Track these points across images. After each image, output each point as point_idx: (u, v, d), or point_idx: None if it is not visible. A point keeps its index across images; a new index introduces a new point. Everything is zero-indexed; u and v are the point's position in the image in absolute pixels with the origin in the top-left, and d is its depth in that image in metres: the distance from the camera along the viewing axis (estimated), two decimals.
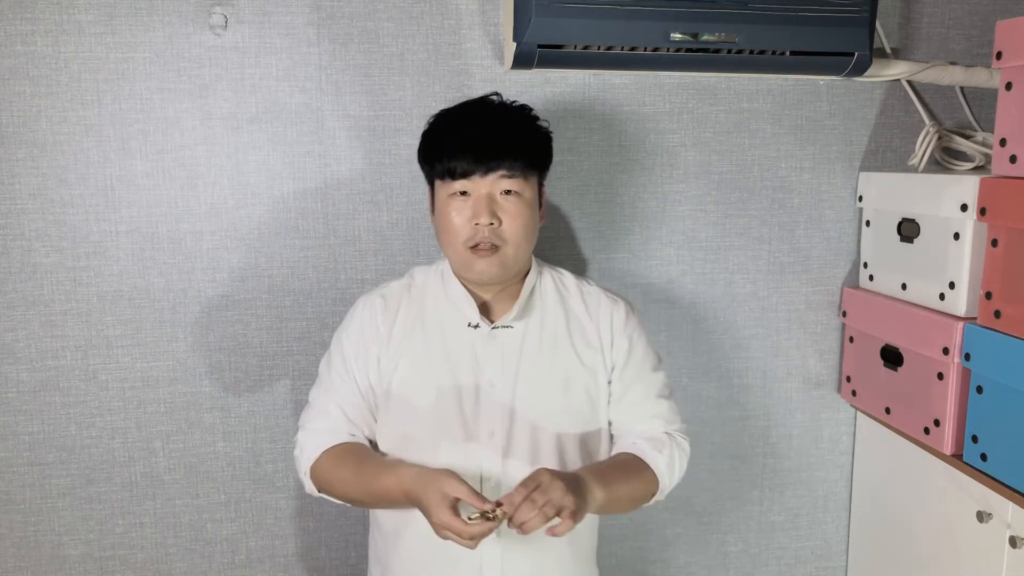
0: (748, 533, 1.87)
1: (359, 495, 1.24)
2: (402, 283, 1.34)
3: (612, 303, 1.33)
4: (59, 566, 1.64)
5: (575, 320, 1.31)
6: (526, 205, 1.23)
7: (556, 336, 1.29)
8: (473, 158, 1.20)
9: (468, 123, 1.24)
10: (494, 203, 1.21)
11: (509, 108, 1.28)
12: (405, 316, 1.29)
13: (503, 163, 1.20)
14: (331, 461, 1.26)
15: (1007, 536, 1.39)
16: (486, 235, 1.21)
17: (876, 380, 1.68)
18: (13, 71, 1.48)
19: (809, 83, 1.71)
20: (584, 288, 1.35)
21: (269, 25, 1.54)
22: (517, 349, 1.27)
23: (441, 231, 1.26)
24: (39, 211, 1.53)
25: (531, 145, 1.25)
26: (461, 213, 1.22)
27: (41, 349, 1.57)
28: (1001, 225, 1.38)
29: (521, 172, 1.22)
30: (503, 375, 1.26)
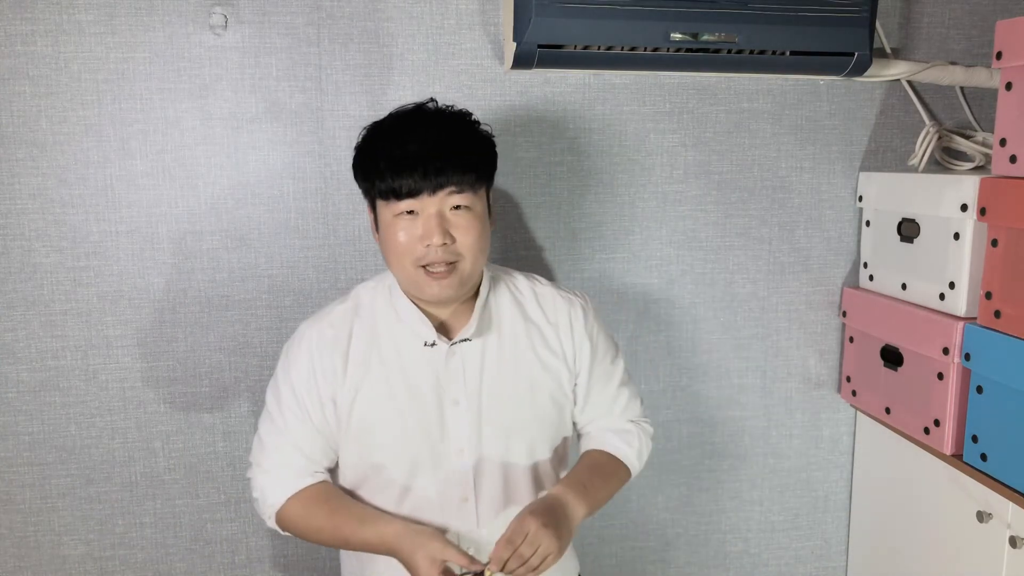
0: (748, 533, 1.87)
1: (335, 544, 1.22)
2: (347, 307, 1.25)
3: (569, 305, 1.29)
4: (59, 566, 1.64)
5: (534, 327, 1.27)
6: (477, 218, 1.16)
7: (516, 345, 1.25)
8: (420, 175, 1.11)
9: (408, 137, 1.14)
10: (445, 221, 1.13)
11: (450, 116, 1.19)
12: (357, 345, 1.22)
13: (451, 178, 1.12)
14: (300, 510, 1.21)
15: (1007, 536, 1.39)
16: (439, 255, 1.13)
17: (876, 380, 1.68)
18: (13, 71, 1.48)
19: (809, 83, 1.71)
20: (538, 290, 1.30)
21: (269, 25, 1.54)
22: (478, 363, 1.22)
23: (389, 252, 1.18)
24: (39, 211, 1.53)
25: (479, 156, 1.17)
26: (409, 232, 1.14)
27: (41, 349, 1.57)
28: (1001, 225, 1.38)
29: (471, 186, 1.15)
30: (466, 392, 1.22)
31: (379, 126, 1.19)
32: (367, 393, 1.21)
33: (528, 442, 1.25)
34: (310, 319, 1.26)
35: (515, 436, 1.24)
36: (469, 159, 1.15)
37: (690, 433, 1.79)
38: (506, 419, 1.23)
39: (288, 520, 1.22)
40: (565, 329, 1.27)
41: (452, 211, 1.15)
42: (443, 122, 1.18)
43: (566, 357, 1.27)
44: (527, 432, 1.25)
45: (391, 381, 1.21)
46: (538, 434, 1.26)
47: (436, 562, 1.08)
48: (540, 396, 1.25)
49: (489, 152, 1.20)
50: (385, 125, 1.19)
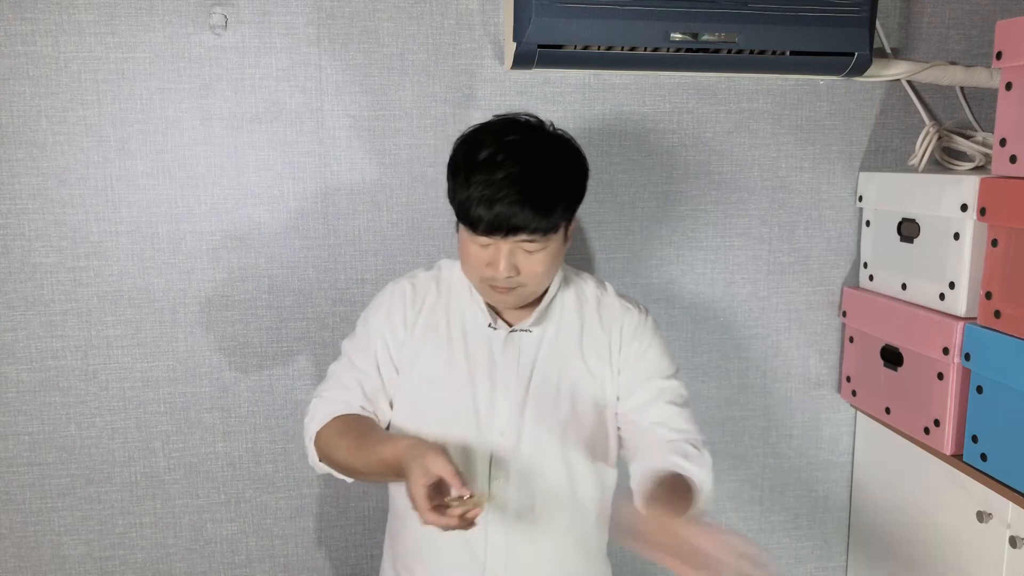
0: (748, 533, 1.87)
1: (357, 464, 1.20)
2: (431, 274, 1.32)
3: (624, 311, 1.31)
4: (59, 566, 1.64)
5: (588, 331, 1.30)
6: (548, 253, 1.18)
7: (569, 345, 1.28)
8: (497, 222, 1.12)
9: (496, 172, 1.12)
10: (514, 255, 1.16)
11: (544, 149, 1.16)
12: (431, 308, 1.29)
13: (526, 229, 1.13)
14: (337, 428, 1.23)
15: (1007, 536, 1.39)
16: (503, 282, 1.17)
17: (876, 380, 1.68)
18: (13, 71, 1.48)
19: (809, 83, 1.71)
20: (602, 298, 1.32)
21: (269, 25, 1.54)
22: (532, 354, 1.27)
23: (462, 259, 1.23)
24: (39, 211, 1.53)
25: (562, 204, 1.15)
26: (481, 256, 1.17)
27: (41, 349, 1.57)
28: (1001, 225, 1.38)
29: (544, 235, 1.15)
30: (516, 379, 1.26)
31: (475, 151, 1.15)
32: (429, 355, 1.27)
33: (563, 440, 1.27)
34: (395, 279, 1.33)
35: (552, 433, 1.26)
36: (550, 209, 1.13)
37: None
38: (547, 415, 1.26)
39: (323, 440, 1.24)
40: (616, 333, 1.30)
41: (524, 251, 1.16)
42: (537, 157, 1.15)
43: (611, 357, 1.29)
44: (564, 431, 1.27)
45: (453, 351, 1.26)
46: (574, 435, 1.28)
47: (428, 474, 1.05)
48: (582, 400, 1.28)
49: (575, 194, 1.19)
50: (479, 142, 1.16)
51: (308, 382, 1.65)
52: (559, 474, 1.26)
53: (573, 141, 1.22)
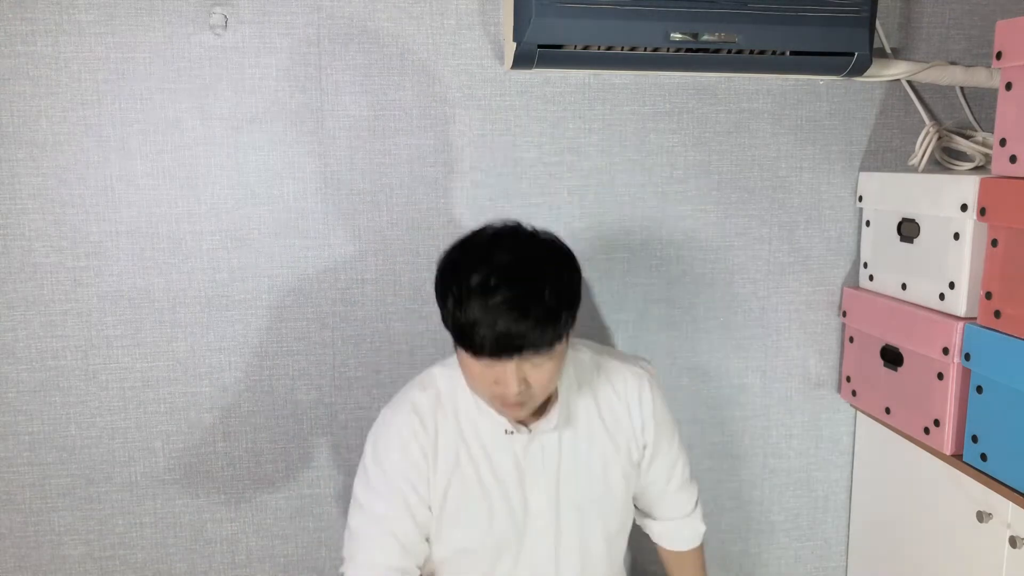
0: (748, 533, 1.87)
1: None
2: (429, 396, 1.25)
3: (637, 381, 1.31)
4: (59, 566, 1.64)
5: (605, 403, 1.30)
6: (555, 362, 1.14)
7: (591, 427, 1.29)
8: (499, 348, 1.08)
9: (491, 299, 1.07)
10: (522, 370, 1.11)
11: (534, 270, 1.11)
12: (444, 438, 1.23)
13: (530, 348, 1.09)
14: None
15: (1007, 536, 1.39)
16: (514, 398, 1.13)
17: (876, 380, 1.68)
18: (13, 71, 1.48)
19: (809, 83, 1.71)
20: (604, 364, 1.32)
21: (269, 25, 1.54)
22: (556, 446, 1.27)
23: (467, 378, 1.18)
24: (39, 211, 1.53)
25: (561, 316, 1.11)
26: (486, 375, 1.12)
27: (41, 349, 1.57)
28: (1001, 225, 1.38)
29: (548, 350, 1.11)
30: (545, 473, 1.26)
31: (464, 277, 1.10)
32: (458, 484, 1.24)
33: (603, 519, 1.31)
34: (391, 406, 1.26)
35: (591, 513, 1.30)
36: (552, 323, 1.09)
37: (690, 433, 1.79)
38: (583, 498, 1.29)
39: None
40: (635, 404, 1.31)
41: (531, 365, 1.12)
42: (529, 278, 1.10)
43: (634, 430, 1.32)
44: (601, 509, 1.31)
45: (479, 470, 1.24)
46: (610, 510, 1.32)
47: None
48: (612, 473, 1.31)
49: (573, 300, 1.14)
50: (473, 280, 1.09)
51: (308, 382, 1.65)
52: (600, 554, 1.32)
53: (558, 241, 1.17)
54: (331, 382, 1.66)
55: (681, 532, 1.46)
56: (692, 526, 1.46)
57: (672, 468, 1.39)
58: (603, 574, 1.35)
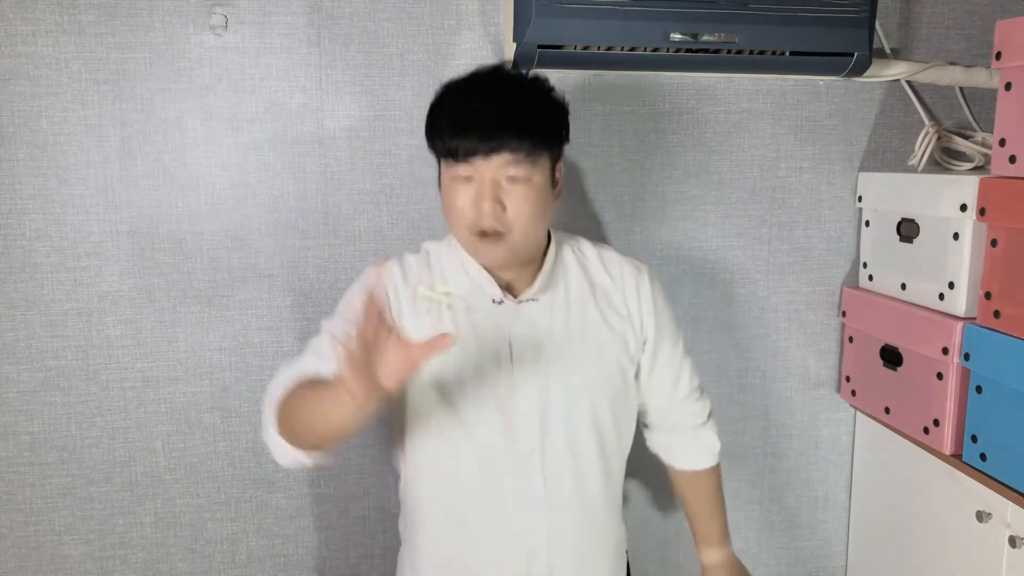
0: (748, 533, 1.87)
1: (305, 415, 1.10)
2: (420, 257, 1.27)
3: (635, 271, 1.30)
4: (59, 566, 1.64)
5: (600, 288, 1.28)
6: (534, 190, 1.15)
7: (583, 305, 1.26)
8: (476, 138, 1.11)
9: (471, 98, 1.14)
10: (498, 188, 1.13)
11: (518, 80, 1.18)
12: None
13: (507, 145, 1.11)
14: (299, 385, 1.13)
15: (1007, 536, 1.39)
16: (490, 223, 1.13)
17: (876, 380, 1.68)
18: (13, 71, 1.48)
19: (809, 83, 1.71)
20: (604, 255, 1.31)
21: (269, 25, 1.54)
22: (546, 322, 1.23)
23: (446, 212, 1.19)
24: (39, 211, 1.53)
25: (539, 124, 1.14)
26: (465, 196, 1.14)
27: (41, 349, 1.57)
28: (1000, 225, 1.38)
29: (527, 155, 1.13)
30: (534, 349, 1.22)
31: (450, 86, 1.18)
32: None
33: (591, 401, 1.25)
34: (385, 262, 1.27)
35: (580, 394, 1.24)
36: (528, 125, 1.13)
37: None
38: (572, 378, 1.23)
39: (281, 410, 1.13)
40: (632, 292, 1.28)
41: (507, 181, 1.14)
42: (512, 84, 1.17)
43: (631, 319, 1.28)
44: (591, 392, 1.25)
45: (461, 335, 1.20)
46: (601, 396, 1.26)
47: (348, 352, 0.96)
48: (607, 359, 1.26)
49: (555, 119, 1.18)
50: (454, 85, 1.18)
51: None
52: (588, 437, 1.25)
53: (548, 82, 1.21)
54: None
55: (692, 445, 1.38)
56: (704, 438, 1.38)
57: (678, 372, 1.34)
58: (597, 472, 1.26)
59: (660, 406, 1.36)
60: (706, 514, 1.42)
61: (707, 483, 1.40)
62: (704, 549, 1.43)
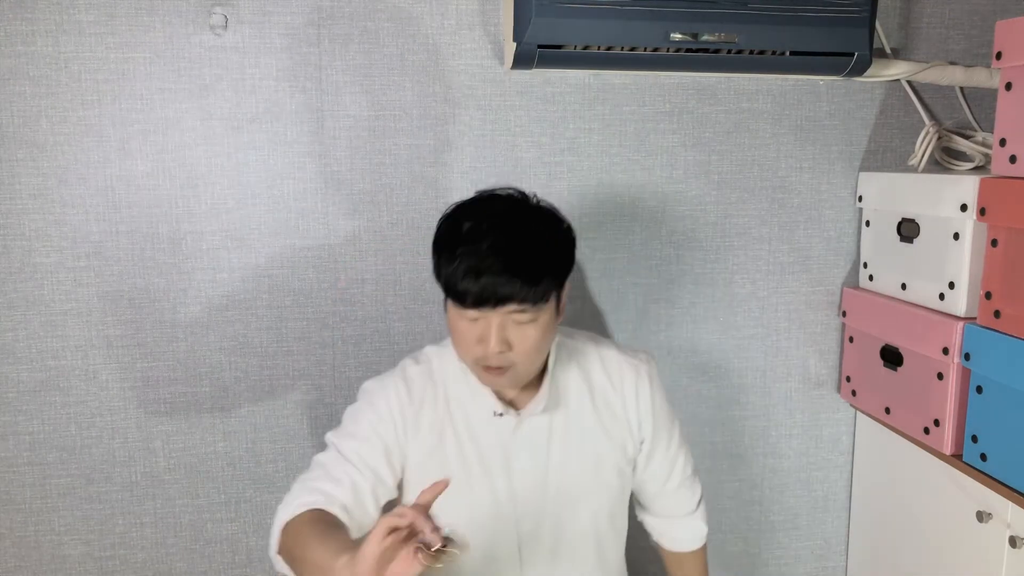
0: (748, 533, 1.87)
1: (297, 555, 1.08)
2: (422, 370, 1.26)
3: (635, 373, 1.30)
4: (59, 566, 1.64)
5: (599, 393, 1.29)
6: (540, 327, 1.15)
7: (583, 418, 1.27)
8: (485, 292, 1.10)
9: (480, 244, 1.11)
10: (504, 330, 1.13)
11: (527, 221, 1.15)
12: (431, 406, 1.24)
13: (515, 298, 1.11)
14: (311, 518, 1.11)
15: (1007, 536, 1.39)
16: (496, 361, 1.14)
17: (876, 380, 1.68)
18: (13, 71, 1.48)
19: (809, 83, 1.71)
20: (604, 354, 1.32)
21: (269, 25, 1.54)
22: (546, 434, 1.25)
23: (453, 339, 1.19)
24: (39, 211, 1.53)
25: (549, 270, 1.13)
26: (471, 333, 1.14)
27: (41, 349, 1.57)
28: (1001, 225, 1.38)
29: (534, 304, 1.12)
30: (534, 462, 1.24)
31: (458, 225, 1.15)
32: (437, 463, 1.23)
33: (591, 512, 1.29)
34: (386, 374, 1.27)
35: (580, 505, 1.27)
36: (537, 275, 1.11)
37: (690, 433, 1.79)
38: (574, 490, 1.27)
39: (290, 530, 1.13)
40: (631, 398, 1.30)
41: (514, 324, 1.14)
42: (521, 228, 1.14)
43: (630, 425, 1.30)
44: (591, 502, 1.28)
45: (463, 449, 1.23)
46: (601, 504, 1.30)
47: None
48: (605, 468, 1.29)
49: (563, 261, 1.18)
50: (464, 226, 1.14)
51: (308, 382, 1.65)
52: (585, 543, 1.29)
53: (558, 212, 1.20)
54: (331, 382, 1.66)
55: (681, 531, 1.44)
56: (693, 526, 1.44)
57: (672, 465, 1.37)
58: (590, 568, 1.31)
59: (652, 494, 1.40)
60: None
61: (693, 562, 1.47)
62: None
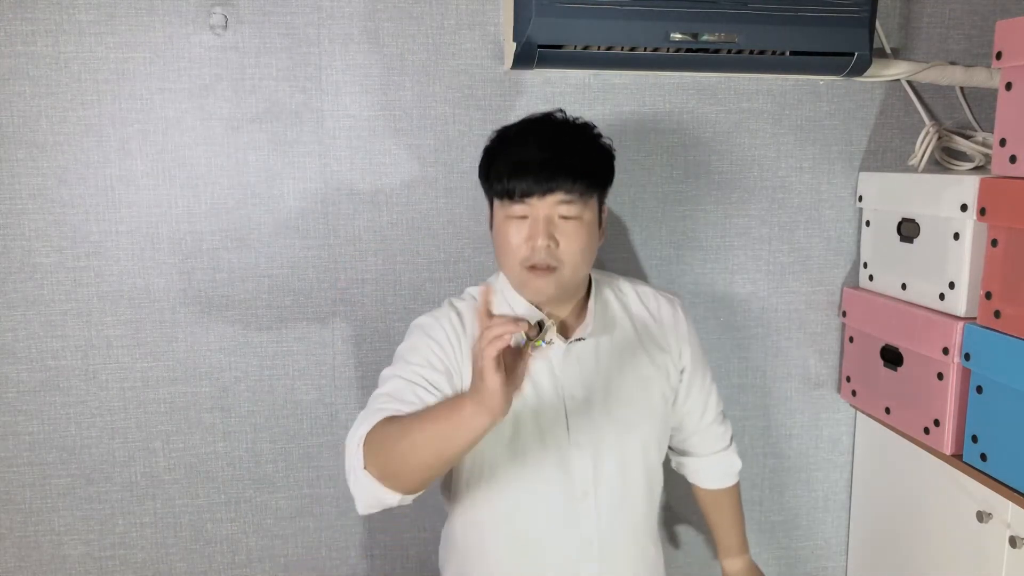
0: (748, 533, 1.86)
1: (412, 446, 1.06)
2: (467, 304, 1.29)
3: (671, 305, 1.37)
4: (59, 566, 1.64)
5: (641, 324, 1.33)
6: (584, 228, 1.20)
7: (627, 342, 1.31)
8: (532, 180, 1.17)
9: (528, 143, 1.21)
10: (552, 225, 1.18)
11: (571, 126, 1.25)
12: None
13: (562, 186, 1.17)
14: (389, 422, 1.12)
15: (1007, 536, 1.39)
16: (543, 257, 1.18)
17: (876, 380, 1.68)
18: (13, 71, 1.48)
19: (809, 83, 1.71)
20: (639, 290, 1.37)
21: (269, 25, 1.54)
22: (594, 362, 1.27)
23: (499, 249, 1.24)
24: (39, 211, 1.53)
25: (591, 167, 1.21)
26: (519, 233, 1.19)
27: (41, 349, 1.57)
28: (1001, 225, 1.38)
29: (580, 195, 1.19)
30: (584, 388, 1.26)
31: (506, 132, 1.25)
32: None
33: (642, 439, 1.30)
34: (434, 310, 1.29)
35: (632, 433, 1.29)
36: (582, 168, 1.19)
37: None
38: (624, 417, 1.28)
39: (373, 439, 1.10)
40: (670, 326, 1.35)
41: (560, 219, 1.19)
42: (564, 131, 1.23)
43: (671, 352, 1.34)
44: (642, 429, 1.30)
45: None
46: (650, 431, 1.32)
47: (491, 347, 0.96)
48: (653, 393, 1.32)
49: (604, 164, 1.24)
50: (512, 131, 1.24)
51: (308, 382, 1.65)
52: (639, 474, 1.30)
53: (596, 128, 1.27)
54: (331, 382, 1.66)
55: (718, 467, 1.47)
56: (728, 461, 1.47)
57: (708, 398, 1.41)
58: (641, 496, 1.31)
59: (690, 431, 1.44)
60: (727, 527, 1.52)
61: (729, 500, 1.51)
62: (726, 559, 1.54)
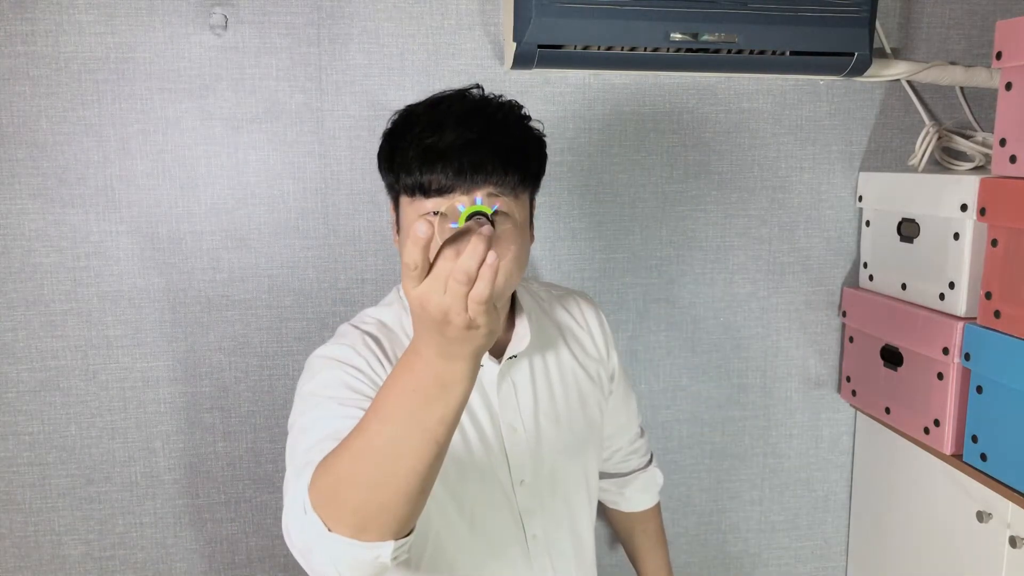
0: (748, 533, 1.87)
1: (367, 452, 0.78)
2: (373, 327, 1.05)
3: (590, 306, 1.25)
4: (59, 566, 1.64)
5: (568, 332, 1.18)
6: (517, 229, 0.97)
7: (560, 358, 1.16)
8: (454, 171, 0.92)
9: (445, 125, 0.95)
10: None
11: (496, 105, 1.01)
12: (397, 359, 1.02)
13: (491, 178, 0.93)
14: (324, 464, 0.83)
15: (1007, 536, 1.39)
16: None
17: (876, 380, 1.68)
18: (13, 71, 1.48)
19: (809, 83, 1.71)
20: (554, 292, 1.23)
21: (269, 25, 1.54)
22: (529, 384, 1.12)
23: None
24: (39, 211, 1.53)
25: (525, 155, 0.99)
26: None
27: (41, 349, 1.57)
28: (1001, 225, 1.38)
29: (512, 189, 0.96)
30: (522, 417, 1.10)
31: (413, 110, 1.00)
32: None
33: (583, 459, 1.19)
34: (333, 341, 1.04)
35: (574, 455, 1.16)
36: (515, 156, 0.96)
37: (690, 433, 1.79)
38: (565, 440, 1.14)
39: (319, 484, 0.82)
40: (596, 330, 1.24)
41: None
42: (488, 111, 0.99)
43: (602, 358, 1.24)
44: (586, 453, 1.18)
45: None
46: (593, 453, 1.21)
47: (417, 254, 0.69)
48: (592, 411, 1.19)
49: (538, 152, 1.03)
50: (420, 110, 0.99)
51: None
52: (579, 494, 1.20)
53: (524, 109, 1.05)
54: None
55: (642, 487, 1.40)
56: (652, 478, 1.41)
57: (630, 403, 1.35)
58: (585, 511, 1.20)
59: (613, 448, 1.36)
60: (651, 550, 1.43)
61: (654, 521, 1.43)
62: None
